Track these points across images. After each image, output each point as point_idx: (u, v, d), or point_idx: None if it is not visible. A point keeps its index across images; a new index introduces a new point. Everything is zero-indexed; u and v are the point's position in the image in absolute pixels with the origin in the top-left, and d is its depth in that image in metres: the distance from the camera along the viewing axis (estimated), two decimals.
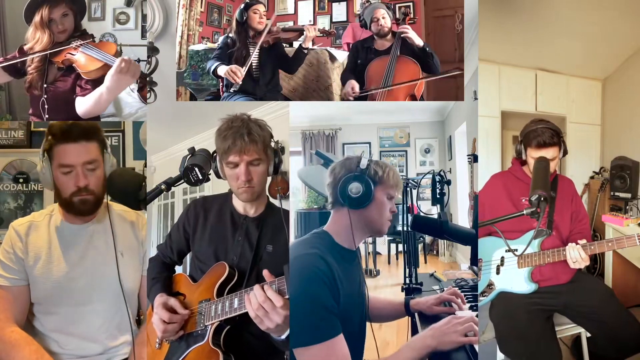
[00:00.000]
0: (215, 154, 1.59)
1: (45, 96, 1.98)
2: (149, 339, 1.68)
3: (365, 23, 2.38)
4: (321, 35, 2.59)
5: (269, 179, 1.62)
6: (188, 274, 1.69)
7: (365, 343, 1.53)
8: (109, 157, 1.69)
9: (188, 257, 1.77)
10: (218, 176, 1.60)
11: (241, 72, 2.26)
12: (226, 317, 1.48)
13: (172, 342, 1.58)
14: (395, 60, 2.30)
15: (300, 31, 2.45)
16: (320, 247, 1.37)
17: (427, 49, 2.29)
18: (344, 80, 2.41)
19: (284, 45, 2.53)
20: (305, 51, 2.43)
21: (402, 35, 2.31)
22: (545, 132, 1.92)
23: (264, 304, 1.34)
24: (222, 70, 2.29)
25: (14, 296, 1.64)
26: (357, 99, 2.37)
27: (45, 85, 1.97)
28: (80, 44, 1.98)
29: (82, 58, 1.96)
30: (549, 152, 1.92)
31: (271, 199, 1.71)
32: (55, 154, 1.63)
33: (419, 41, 2.30)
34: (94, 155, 1.65)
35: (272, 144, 1.60)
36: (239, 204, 1.66)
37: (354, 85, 2.31)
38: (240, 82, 2.27)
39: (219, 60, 2.35)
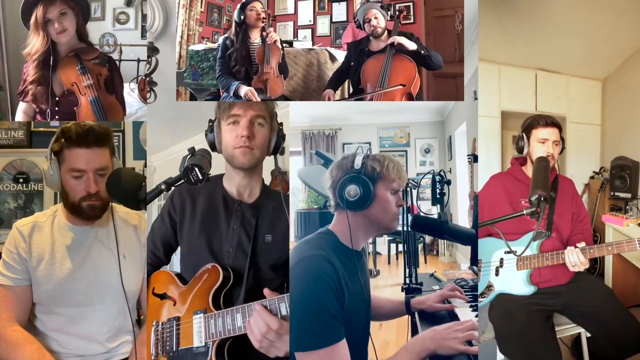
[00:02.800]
0: (211, 124, 1.49)
1: (57, 108, 1.92)
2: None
3: (360, 24, 2.33)
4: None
5: (269, 178, 1.60)
6: (179, 271, 1.59)
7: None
8: (117, 162, 1.70)
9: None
10: (213, 148, 1.49)
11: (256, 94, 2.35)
12: (229, 336, 1.37)
13: (170, 357, 1.50)
14: (391, 58, 2.26)
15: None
16: (326, 248, 1.33)
17: (422, 51, 2.25)
18: (327, 86, 2.45)
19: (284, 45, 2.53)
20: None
21: (391, 42, 2.24)
22: (549, 116, 2.02)
23: (268, 336, 1.27)
24: (243, 91, 2.28)
25: (17, 296, 1.64)
26: (355, 98, 2.36)
27: (57, 99, 1.92)
28: (91, 86, 1.90)
29: (85, 106, 1.91)
30: (554, 133, 1.97)
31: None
32: (66, 157, 1.61)
33: (412, 46, 2.25)
34: (105, 161, 1.64)
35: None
36: (232, 187, 1.53)
37: (330, 96, 2.37)
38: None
39: (227, 73, 2.35)
